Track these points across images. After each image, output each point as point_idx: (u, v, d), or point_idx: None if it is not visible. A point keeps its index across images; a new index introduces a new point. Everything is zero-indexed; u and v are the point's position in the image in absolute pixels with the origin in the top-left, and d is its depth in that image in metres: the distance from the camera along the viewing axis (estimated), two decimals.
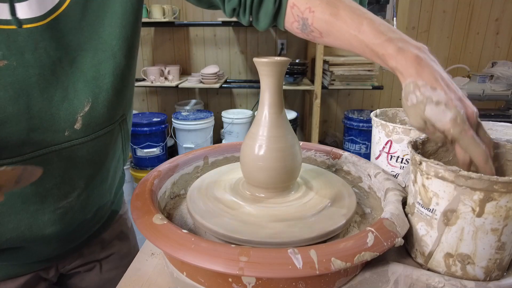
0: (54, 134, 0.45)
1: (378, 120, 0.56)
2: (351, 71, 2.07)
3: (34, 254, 0.53)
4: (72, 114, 0.46)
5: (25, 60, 0.41)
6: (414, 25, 2.35)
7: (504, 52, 2.39)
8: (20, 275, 0.54)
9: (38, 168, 0.34)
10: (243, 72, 2.50)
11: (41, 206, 0.47)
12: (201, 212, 0.46)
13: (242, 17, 0.55)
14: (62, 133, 0.46)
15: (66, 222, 0.51)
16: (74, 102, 0.46)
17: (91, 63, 0.47)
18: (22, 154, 0.43)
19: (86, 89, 0.47)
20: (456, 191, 0.36)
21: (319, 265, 0.33)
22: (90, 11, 0.46)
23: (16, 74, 0.41)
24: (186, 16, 2.39)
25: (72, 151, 0.47)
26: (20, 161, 0.43)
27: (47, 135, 0.45)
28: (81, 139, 0.48)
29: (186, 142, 2.16)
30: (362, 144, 2.21)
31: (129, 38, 0.50)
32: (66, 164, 0.47)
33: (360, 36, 0.42)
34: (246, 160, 0.49)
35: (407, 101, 0.39)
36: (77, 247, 0.60)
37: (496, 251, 0.37)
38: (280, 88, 0.49)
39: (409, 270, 0.38)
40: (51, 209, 0.48)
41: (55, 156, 0.46)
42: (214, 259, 0.34)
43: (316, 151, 0.67)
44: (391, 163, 0.56)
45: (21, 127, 0.42)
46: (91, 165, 0.51)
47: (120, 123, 0.56)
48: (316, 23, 0.46)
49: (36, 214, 0.47)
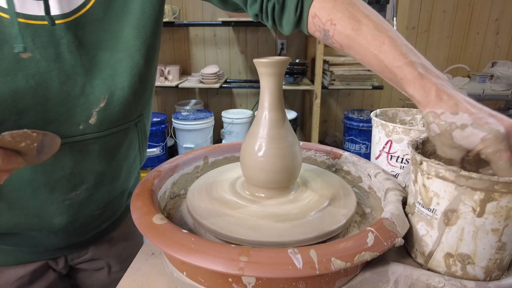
0: (69, 127, 0.47)
1: (378, 120, 0.56)
2: (351, 71, 2.07)
3: (41, 243, 0.55)
4: (88, 109, 0.47)
5: (48, 54, 0.43)
6: (414, 25, 2.35)
7: (504, 52, 2.39)
8: (30, 262, 0.56)
9: (56, 136, 0.35)
10: (243, 72, 2.50)
11: (49, 195, 0.49)
12: (201, 212, 0.46)
13: (266, 22, 0.55)
14: (76, 127, 0.47)
15: (72, 214, 0.52)
16: (90, 97, 0.47)
17: (109, 62, 0.48)
18: None
19: (102, 86, 0.48)
20: (456, 191, 0.36)
21: (319, 265, 0.33)
22: (112, 11, 0.48)
23: (38, 67, 0.43)
24: (186, 16, 2.39)
25: (84, 145, 0.49)
26: None
27: (62, 127, 0.46)
28: (94, 134, 0.49)
29: (186, 142, 2.16)
30: (362, 144, 2.21)
31: (148, 39, 0.51)
32: (77, 157, 0.49)
33: (380, 56, 0.41)
34: (246, 160, 0.49)
35: (430, 132, 0.37)
36: (85, 242, 0.61)
37: (496, 251, 0.37)
38: (280, 88, 0.49)
39: (409, 270, 0.38)
40: (59, 200, 0.50)
41: (67, 148, 0.47)
42: (214, 259, 0.34)
43: (316, 151, 0.67)
44: (391, 163, 0.56)
45: (38, 117, 0.44)
46: (102, 161, 0.52)
47: (137, 123, 0.57)
48: (337, 36, 0.45)
49: (44, 203, 0.49)
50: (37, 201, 0.48)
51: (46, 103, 0.44)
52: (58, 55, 0.44)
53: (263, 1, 0.52)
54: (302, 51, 2.43)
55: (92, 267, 0.65)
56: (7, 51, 0.41)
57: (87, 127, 0.48)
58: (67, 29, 0.44)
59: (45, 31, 0.43)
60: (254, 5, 0.53)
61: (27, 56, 0.42)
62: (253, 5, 0.53)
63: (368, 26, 0.42)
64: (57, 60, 0.44)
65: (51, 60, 0.44)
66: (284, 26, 0.53)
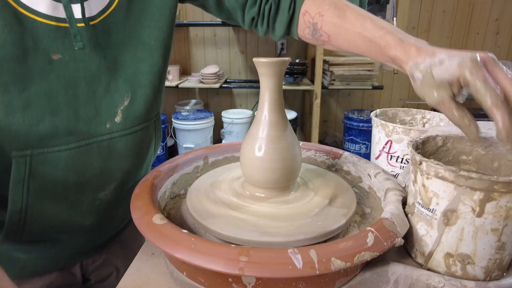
0: (97, 125, 0.49)
1: (378, 120, 0.56)
2: (351, 71, 2.07)
3: (67, 247, 0.56)
4: (113, 108, 0.50)
5: (76, 55, 0.46)
6: (414, 25, 2.35)
7: (504, 52, 2.39)
8: (46, 272, 0.56)
9: None
10: (243, 72, 2.50)
11: (80, 196, 0.50)
12: (201, 212, 0.46)
13: (259, 27, 0.59)
14: (104, 125, 0.49)
15: (101, 214, 0.54)
16: (115, 96, 0.50)
17: (131, 61, 0.51)
18: (68, 143, 0.46)
19: (126, 85, 0.51)
20: (456, 191, 0.36)
21: (319, 265, 0.33)
22: (132, 13, 0.50)
23: (67, 67, 0.45)
24: (186, 16, 2.39)
25: (111, 143, 0.51)
26: (65, 149, 0.46)
27: (91, 126, 0.48)
28: (120, 132, 0.51)
29: (186, 142, 2.16)
30: (362, 144, 2.21)
31: (165, 39, 0.54)
32: (105, 156, 0.51)
33: (364, 32, 0.45)
34: (246, 160, 0.49)
35: (415, 81, 0.39)
36: (103, 244, 0.62)
37: (496, 251, 0.37)
38: (280, 88, 0.49)
39: (409, 270, 0.38)
40: (89, 199, 0.51)
41: (96, 147, 0.49)
42: (214, 259, 0.34)
43: (316, 151, 0.67)
44: (391, 163, 0.56)
45: (70, 116, 0.46)
46: (127, 158, 0.54)
47: (155, 121, 0.59)
48: (325, 26, 0.50)
49: (75, 203, 0.50)
50: (68, 201, 0.50)
51: (75, 101, 0.46)
52: (85, 56, 0.46)
53: (262, 3, 0.55)
54: (302, 51, 2.43)
55: (102, 274, 0.65)
56: (41, 53, 0.43)
57: (114, 125, 0.50)
58: (93, 30, 0.47)
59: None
60: (253, 8, 0.56)
61: (57, 57, 0.44)
62: (251, 8, 0.56)
63: (352, 13, 0.48)
64: (84, 60, 0.46)
65: (78, 61, 0.46)
66: (277, 28, 0.56)
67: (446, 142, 0.46)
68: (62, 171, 0.47)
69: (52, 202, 0.49)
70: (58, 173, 0.47)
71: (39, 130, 0.44)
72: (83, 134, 0.48)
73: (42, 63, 0.43)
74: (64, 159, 0.47)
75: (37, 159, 0.45)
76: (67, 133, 0.46)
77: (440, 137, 0.46)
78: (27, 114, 0.43)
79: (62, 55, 0.45)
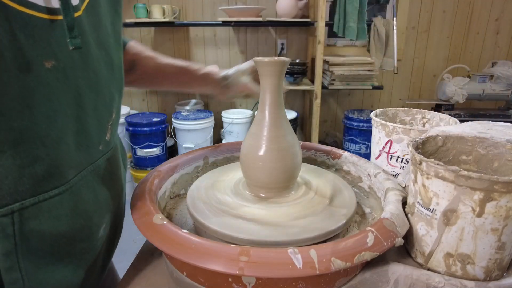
0: (93, 147, 0.39)
1: (378, 120, 0.56)
2: (351, 71, 2.07)
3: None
4: (105, 123, 0.41)
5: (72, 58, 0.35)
6: (414, 25, 2.35)
7: (504, 52, 2.39)
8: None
9: None
10: None
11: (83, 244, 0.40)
12: (201, 212, 0.46)
13: None
14: (98, 147, 0.40)
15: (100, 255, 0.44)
16: (107, 108, 0.41)
17: (114, 62, 0.42)
18: (68, 181, 0.36)
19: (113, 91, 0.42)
20: (456, 191, 0.36)
21: (319, 265, 0.33)
22: (95, 11, 0.39)
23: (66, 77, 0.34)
24: (186, 16, 2.39)
25: (105, 167, 0.42)
26: (65, 190, 0.35)
27: (89, 150, 0.39)
28: (109, 152, 0.43)
29: (186, 142, 2.16)
30: (362, 144, 2.21)
31: (119, 35, 0.45)
32: (102, 183, 0.41)
33: (176, 63, 0.65)
34: (246, 160, 0.49)
35: (229, 77, 0.64)
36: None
37: (496, 251, 0.37)
38: (280, 88, 0.49)
39: (409, 270, 0.38)
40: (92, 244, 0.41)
41: (93, 176, 0.40)
42: (214, 259, 0.34)
43: (316, 151, 0.67)
44: (391, 163, 0.56)
45: (73, 143, 0.36)
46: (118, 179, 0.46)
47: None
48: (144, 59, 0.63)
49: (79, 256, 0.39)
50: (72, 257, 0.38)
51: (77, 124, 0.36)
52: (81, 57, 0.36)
53: None
54: (302, 51, 2.43)
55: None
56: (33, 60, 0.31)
57: (104, 145, 0.41)
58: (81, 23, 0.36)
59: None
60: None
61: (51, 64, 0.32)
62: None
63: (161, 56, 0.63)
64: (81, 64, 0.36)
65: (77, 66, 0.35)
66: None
67: (446, 142, 0.46)
68: (62, 219, 0.35)
69: (52, 265, 0.36)
70: (57, 223, 0.35)
71: (34, 171, 0.32)
72: (82, 164, 0.38)
73: (36, 76, 0.30)
74: (65, 203, 0.35)
75: (29, 214, 0.32)
76: (68, 167, 0.35)
77: (440, 137, 0.46)
78: (19, 152, 0.31)
79: (55, 60, 0.32)
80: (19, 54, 0.29)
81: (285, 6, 2.02)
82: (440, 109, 2.15)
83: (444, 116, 0.59)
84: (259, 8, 2.07)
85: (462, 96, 2.04)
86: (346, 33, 1.93)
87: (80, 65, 0.35)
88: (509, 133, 0.44)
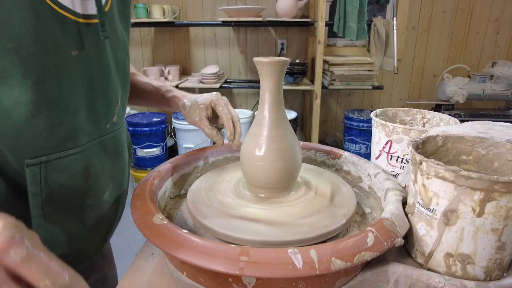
0: (102, 124, 0.48)
1: (378, 120, 0.56)
2: (351, 71, 2.06)
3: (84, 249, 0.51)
4: (113, 107, 0.50)
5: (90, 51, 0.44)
6: (414, 25, 2.35)
7: (504, 52, 2.39)
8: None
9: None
10: (243, 72, 2.50)
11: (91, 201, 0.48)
12: (201, 212, 0.46)
13: None
14: (105, 125, 0.49)
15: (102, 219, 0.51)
16: (115, 95, 0.50)
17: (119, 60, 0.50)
18: (81, 145, 0.44)
19: (120, 82, 0.51)
20: (456, 191, 0.36)
21: (319, 265, 0.33)
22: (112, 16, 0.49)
23: (85, 65, 0.44)
24: (186, 16, 2.39)
25: (112, 142, 0.51)
26: (79, 151, 0.44)
27: (98, 125, 0.47)
28: (116, 131, 0.52)
29: (186, 142, 2.16)
30: (362, 144, 2.21)
31: (128, 32, 0.55)
32: (109, 155, 0.50)
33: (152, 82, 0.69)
34: (246, 160, 0.49)
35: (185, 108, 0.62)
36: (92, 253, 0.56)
37: (496, 251, 0.37)
38: (280, 88, 0.49)
39: (409, 270, 0.38)
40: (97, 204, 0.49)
41: (101, 147, 0.48)
42: (214, 259, 0.34)
43: (316, 151, 0.67)
44: (391, 163, 0.56)
45: (86, 115, 0.45)
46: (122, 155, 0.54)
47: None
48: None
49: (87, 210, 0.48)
50: (82, 209, 0.47)
51: (92, 101, 0.45)
52: (97, 51, 0.45)
53: None
54: (302, 51, 2.43)
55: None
56: (63, 49, 0.40)
57: (111, 125, 0.50)
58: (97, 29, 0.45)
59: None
60: None
61: (75, 53, 0.42)
62: None
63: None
64: (97, 57, 0.45)
65: (93, 57, 0.45)
66: None
67: (446, 142, 0.46)
68: (76, 175, 0.44)
69: (67, 212, 0.45)
70: (72, 178, 0.44)
71: (60, 131, 0.41)
72: (93, 134, 0.46)
73: (65, 60, 0.41)
74: (79, 162, 0.44)
75: (52, 166, 0.42)
76: (83, 134, 0.44)
77: (440, 137, 0.46)
78: (52, 115, 0.40)
79: (79, 51, 0.42)
80: (56, 43, 0.39)
81: (285, 6, 2.02)
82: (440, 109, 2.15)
83: (444, 116, 0.59)
84: (259, 8, 2.07)
85: (462, 96, 2.04)
86: (346, 33, 1.93)
87: (96, 57, 0.45)
88: (509, 133, 0.44)
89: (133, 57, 2.48)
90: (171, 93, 0.65)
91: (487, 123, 0.48)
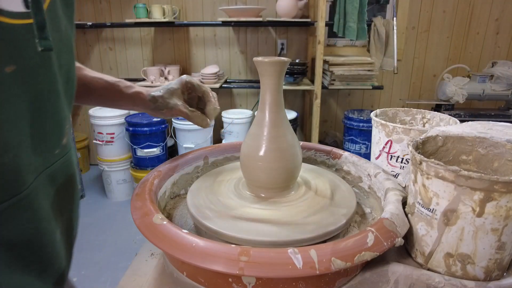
0: (49, 151, 0.38)
1: (378, 120, 0.56)
2: (351, 71, 2.07)
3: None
4: (63, 127, 0.39)
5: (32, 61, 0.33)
6: (414, 25, 2.35)
7: (504, 52, 2.39)
8: None
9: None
10: (243, 72, 2.50)
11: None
12: (201, 212, 0.46)
13: None
14: (53, 151, 0.38)
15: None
16: (64, 111, 0.39)
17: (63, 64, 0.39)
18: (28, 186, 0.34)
19: (67, 94, 0.40)
20: (456, 191, 0.36)
21: (319, 265, 0.33)
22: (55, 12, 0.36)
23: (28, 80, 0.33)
24: (186, 16, 2.39)
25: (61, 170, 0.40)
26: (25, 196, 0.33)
27: (46, 154, 0.37)
28: (65, 156, 0.41)
29: (186, 142, 2.16)
30: (362, 144, 2.21)
31: (73, 20, 0.41)
32: (55, 190, 0.39)
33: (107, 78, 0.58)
34: (246, 160, 0.49)
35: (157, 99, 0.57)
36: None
37: (496, 251, 0.37)
38: (280, 88, 0.49)
39: (409, 270, 0.38)
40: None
41: (47, 179, 0.38)
42: (214, 259, 0.34)
43: (316, 151, 0.67)
44: (391, 163, 0.56)
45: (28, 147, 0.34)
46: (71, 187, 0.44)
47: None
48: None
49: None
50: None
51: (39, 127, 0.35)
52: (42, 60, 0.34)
53: None
54: (302, 51, 2.43)
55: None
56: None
57: (61, 149, 0.40)
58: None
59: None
60: None
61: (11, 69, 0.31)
62: None
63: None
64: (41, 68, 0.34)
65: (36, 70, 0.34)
66: None
67: (446, 142, 0.46)
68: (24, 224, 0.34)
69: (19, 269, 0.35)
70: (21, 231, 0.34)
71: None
72: (40, 167, 0.36)
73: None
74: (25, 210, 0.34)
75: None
76: (27, 172, 0.33)
77: (440, 137, 0.46)
78: None
79: (17, 65, 0.30)
80: None
81: (285, 6, 2.02)
82: (440, 109, 2.15)
83: (444, 116, 0.59)
84: (259, 8, 2.07)
85: (462, 96, 2.04)
86: (346, 33, 1.93)
87: (41, 69, 0.33)
88: (509, 133, 0.44)
89: (133, 57, 2.48)
90: (132, 88, 0.57)
91: (487, 123, 0.48)
